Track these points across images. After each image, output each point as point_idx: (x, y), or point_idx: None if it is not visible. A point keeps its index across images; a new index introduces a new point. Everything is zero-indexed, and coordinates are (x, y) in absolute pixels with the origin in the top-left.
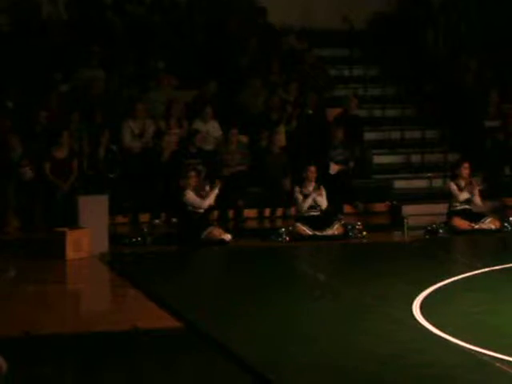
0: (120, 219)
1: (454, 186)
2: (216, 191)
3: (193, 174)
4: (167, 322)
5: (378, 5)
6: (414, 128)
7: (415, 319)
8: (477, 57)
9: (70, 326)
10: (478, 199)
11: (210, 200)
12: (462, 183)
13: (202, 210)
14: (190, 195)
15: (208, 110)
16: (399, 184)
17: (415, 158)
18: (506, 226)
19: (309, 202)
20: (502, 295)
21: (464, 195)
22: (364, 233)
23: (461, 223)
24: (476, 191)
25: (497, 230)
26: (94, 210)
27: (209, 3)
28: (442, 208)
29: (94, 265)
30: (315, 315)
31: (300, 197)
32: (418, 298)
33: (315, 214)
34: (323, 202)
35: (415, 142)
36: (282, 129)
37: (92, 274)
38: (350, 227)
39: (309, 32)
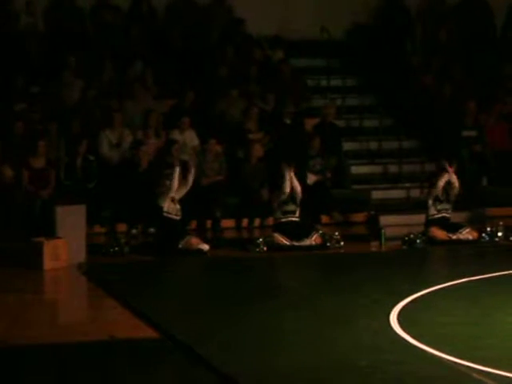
0: (97, 229)
1: (430, 200)
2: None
3: (167, 183)
4: (144, 332)
5: (355, 15)
6: (391, 138)
7: (393, 330)
8: (454, 66)
9: (47, 336)
10: (454, 180)
11: (187, 186)
12: (439, 192)
13: (178, 217)
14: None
15: (185, 120)
16: (377, 194)
17: (393, 168)
18: (483, 237)
19: (288, 185)
20: (480, 306)
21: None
22: (342, 243)
23: (438, 233)
24: (452, 175)
25: (474, 241)
26: (72, 220)
27: (186, 13)
28: (419, 218)
29: (72, 275)
30: (293, 326)
31: (276, 204)
32: (395, 309)
33: (293, 219)
34: (298, 189)
35: (393, 152)
36: (259, 139)
37: (69, 284)
38: (327, 237)
39: (286, 42)
